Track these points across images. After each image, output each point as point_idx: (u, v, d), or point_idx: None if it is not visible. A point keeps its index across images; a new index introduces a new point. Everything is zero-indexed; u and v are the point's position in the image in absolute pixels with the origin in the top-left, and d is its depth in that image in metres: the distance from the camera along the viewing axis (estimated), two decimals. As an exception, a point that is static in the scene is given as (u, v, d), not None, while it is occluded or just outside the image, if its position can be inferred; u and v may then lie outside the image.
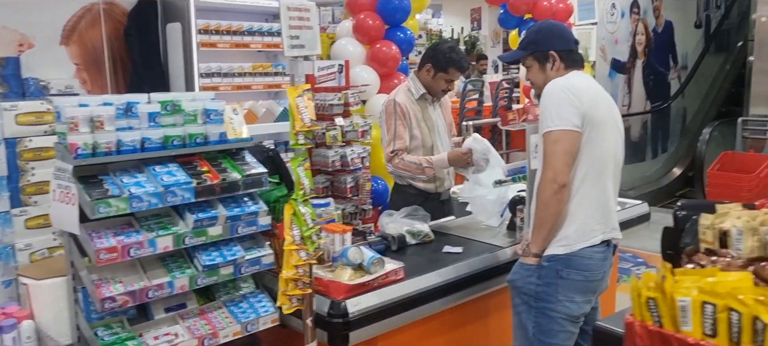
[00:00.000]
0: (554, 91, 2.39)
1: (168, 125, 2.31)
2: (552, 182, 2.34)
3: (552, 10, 5.88)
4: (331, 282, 2.41)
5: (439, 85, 3.43)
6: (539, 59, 2.56)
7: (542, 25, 2.68)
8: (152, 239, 2.16)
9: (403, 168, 3.38)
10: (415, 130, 3.41)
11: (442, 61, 3.37)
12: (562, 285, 2.40)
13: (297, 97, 2.17)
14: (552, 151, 2.35)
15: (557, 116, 2.34)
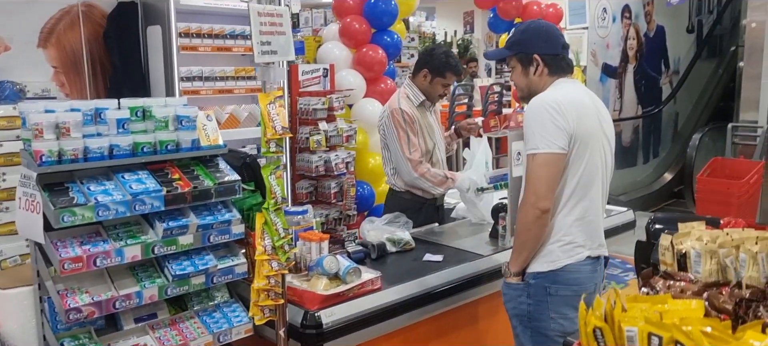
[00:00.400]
0: (539, 109, 2.26)
1: (138, 132, 2.26)
2: (534, 207, 2.24)
3: (542, 14, 5.85)
4: (305, 292, 2.37)
5: (437, 90, 3.42)
6: (522, 61, 2.45)
7: (530, 25, 2.53)
8: (120, 249, 2.11)
9: (429, 177, 3.35)
10: (420, 137, 3.40)
11: (439, 66, 3.36)
12: (552, 302, 2.31)
13: (268, 104, 2.12)
14: (536, 175, 2.24)
15: (541, 138, 2.22)
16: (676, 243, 1.35)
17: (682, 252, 1.33)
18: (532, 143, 2.25)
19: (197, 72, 3.69)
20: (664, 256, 1.37)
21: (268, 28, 2.09)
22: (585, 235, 2.34)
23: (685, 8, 8.61)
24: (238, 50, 3.83)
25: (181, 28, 3.57)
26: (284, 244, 2.17)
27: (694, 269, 1.28)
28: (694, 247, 1.29)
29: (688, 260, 1.30)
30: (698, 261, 1.26)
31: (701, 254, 1.25)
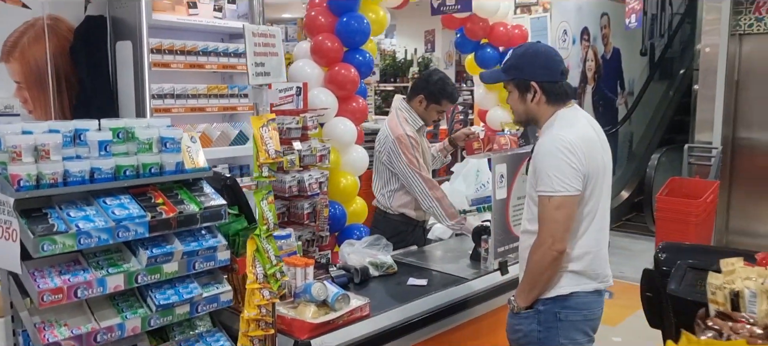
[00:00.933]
0: (553, 151, 2.22)
1: (120, 154, 2.16)
2: (551, 249, 2.21)
3: (508, 35, 5.91)
4: (294, 320, 2.29)
5: (431, 116, 3.44)
6: (519, 87, 2.39)
7: (528, 49, 2.47)
8: (102, 278, 2.01)
9: (445, 206, 3.30)
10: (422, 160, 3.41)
11: (435, 92, 3.38)
12: (562, 327, 2.30)
13: (261, 127, 2.05)
14: (553, 218, 2.21)
15: (558, 181, 2.19)
16: (727, 283, 1.35)
17: (735, 291, 1.33)
18: (548, 185, 2.22)
19: (169, 89, 3.58)
20: (715, 295, 1.37)
21: (262, 49, 2.03)
22: (593, 267, 2.33)
23: (638, 32, 8.87)
24: (211, 67, 3.73)
25: (153, 44, 3.45)
26: (276, 272, 2.10)
27: (749, 309, 1.29)
28: (748, 287, 1.30)
29: (741, 300, 1.31)
30: (753, 301, 1.27)
31: (757, 295, 1.26)
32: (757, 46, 6.64)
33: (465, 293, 2.80)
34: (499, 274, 2.96)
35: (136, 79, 3.47)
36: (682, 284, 1.79)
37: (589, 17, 7.92)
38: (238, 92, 3.90)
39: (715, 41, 6.58)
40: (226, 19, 3.81)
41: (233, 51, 3.83)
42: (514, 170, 2.88)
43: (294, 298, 2.42)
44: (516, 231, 2.96)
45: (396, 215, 3.47)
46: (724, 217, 6.84)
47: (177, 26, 3.62)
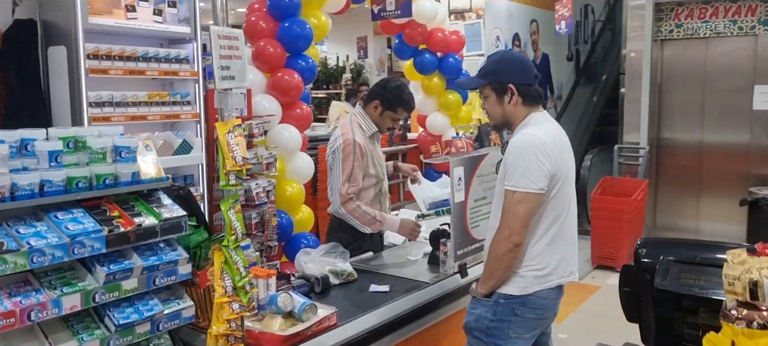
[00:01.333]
0: (523, 148, 2.31)
1: (71, 165, 2.02)
2: (507, 240, 2.30)
3: (446, 41, 5.98)
4: (262, 334, 2.21)
5: (386, 123, 3.39)
6: (497, 91, 2.45)
7: (504, 56, 2.55)
8: (57, 299, 1.86)
9: (358, 216, 3.27)
10: (371, 169, 3.34)
11: (391, 99, 3.32)
12: (515, 322, 2.37)
13: (227, 133, 1.96)
14: (513, 211, 2.29)
15: (523, 177, 2.26)
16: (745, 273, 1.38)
17: (753, 281, 1.36)
18: (514, 180, 2.28)
19: (107, 97, 3.39)
20: (733, 286, 1.40)
21: (226, 52, 1.95)
22: (557, 263, 2.40)
23: (565, 38, 9.19)
24: (152, 74, 3.57)
25: (89, 49, 3.27)
26: (246, 284, 2.01)
27: None
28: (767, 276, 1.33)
29: (760, 289, 1.34)
30: None
31: None
32: (677, 51, 7.01)
33: (428, 297, 2.79)
34: (459, 277, 2.96)
35: (72, 87, 3.28)
36: (668, 278, 1.84)
37: (519, 24, 8.14)
38: (181, 99, 3.75)
39: (640, 47, 6.90)
40: (167, 24, 3.66)
41: (175, 57, 3.68)
42: (471, 173, 2.90)
43: (258, 310, 2.33)
44: (474, 233, 2.98)
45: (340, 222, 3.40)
46: (651, 214, 7.16)
47: (114, 31, 3.44)
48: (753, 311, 1.28)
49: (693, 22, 6.78)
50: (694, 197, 7.10)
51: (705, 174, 6.99)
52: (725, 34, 6.66)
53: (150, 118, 3.59)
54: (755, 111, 6.51)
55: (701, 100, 6.93)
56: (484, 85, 2.49)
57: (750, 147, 6.66)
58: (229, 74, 1.97)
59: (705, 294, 1.93)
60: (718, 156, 6.88)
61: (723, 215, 6.79)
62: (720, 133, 6.86)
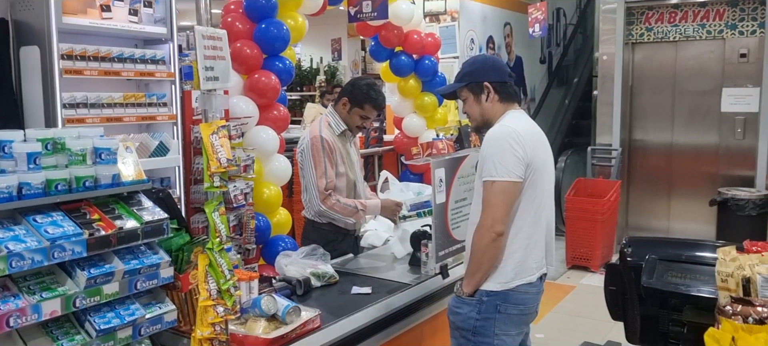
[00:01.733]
0: (497, 139, 2.38)
1: (49, 167, 1.97)
2: (490, 230, 2.34)
3: (422, 43, 6.00)
4: (246, 337, 2.19)
5: (354, 121, 3.37)
6: (474, 91, 2.55)
7: (477, 59, 2.68)
8: (36, 304, 1.81)
9: (339, 210, 3.27)
10: (341, 166, 3.32)
11: (359, 96, 3.31)
12: (500, 319, 2.41)
13: (211, 134, 1.94)
14: (493, 201, 2.34)
15: (501, 166, 2.33)
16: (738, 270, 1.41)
17: (746, 278, 1.39)
18: (491, 171, 2.35)
19: (82, 98, 3.32)
20: (726, 282, 1.43)
21: (211, 53, 1.92)
22: (536, 255, 2.46)
23: (538, 41, 9.30)
24: (128, 75, 3.51)
25: (63, 49, 3.20)
26: (230, 287, 1.99)
27: (761, 293, 1.35)
28: (760, 273, 1.36)
29: (753, 286, 1.37)
30: (766, 286, 1.33)
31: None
32: (648, 54, 7.15)
33: (411, 299, 2.80)
34: (440, 278, 2.97)
35: (45, 87, 3.20)
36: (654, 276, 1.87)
37: (493, 27, 8.20)
38: (157, 101, 3.69)
39: (611, 50, 7.01)
40: (143, 24, 3.60)
41: (151, 57, 3.62)
42: (452, 174, 2.91)
43: (241, 313, 2.31)
44: (455, 235, 3.00)
45: (324, 224, 3.40)
46: (623, 214, 7.28)
47: (89, 31, 3.37)
48: (748, 307, 1.32)
49: (663, 25, 6.92)
50: (665, 198, 7.24)
51: (675, 175, 7.14)
52: (694, 38, 6.81)
53: (126, 119, 3.52)
54: (723, 113, 6.67)
55: (671, 103, 7.07)
56: (461, 88, 2.58)
57: (719, 148, 6.82)
58: (213, 75, 1.94)
59: (691, 292, 1.98)
60: (687, 157, 7.03)
61: (693, 215, 6.93)
62: (689, 134, 7.01)
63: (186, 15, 6.46)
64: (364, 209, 3.33)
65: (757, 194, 6.03)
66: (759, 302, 1.35)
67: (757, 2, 6.41)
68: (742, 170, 6.58)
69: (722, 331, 1.17)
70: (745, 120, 6.57)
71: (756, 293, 1.39)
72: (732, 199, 6.00)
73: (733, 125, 6.66)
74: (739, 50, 6.60)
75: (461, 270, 3.07)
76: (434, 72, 6.05)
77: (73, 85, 3.31)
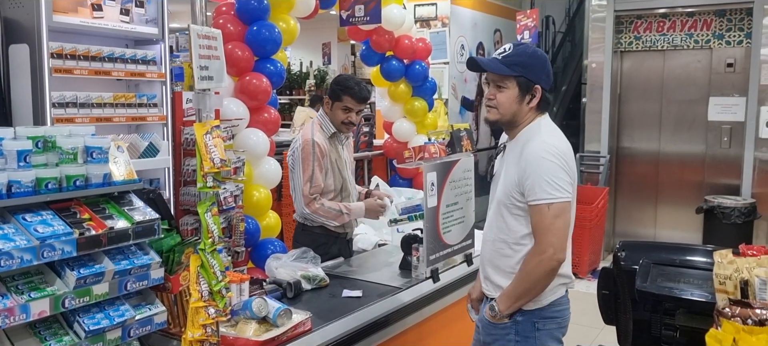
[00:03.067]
0: (548, 157, 2.16)
1: (40, 165, 1.95)
2: (551, 260, 2.15)
3: (413, 48, 6.00)
4: (236, 339, 2.18)
5: (338, 117, 3.35)
6: (522, 87, 2.26)
7: (537, 53, 2.34)
8: (25, 304, 1.79)
9: (323, 214, 3.28)
10: (331, 169, 3.32)
11: (337, 90, 3.32)
12: (539, 337, 2.28)
13: (205, 134, 1.93)
14: (553, 227, 2.14)
15: (557, 187, 2.14)
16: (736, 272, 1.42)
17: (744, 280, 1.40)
18: (546, 192, 2.15)
19: (71, 98, 3.29)
20: (724, 285, 1.43)
21: (205, 52, 1.91)
22: (565, 271, 2.31)
23: (527, 48, 9.34)
24: (118, 74, 3.48)
25: (53, 48, 3.17)
26: (222, 288, 1.98)
27: (759, 296, 1.36)
28: (758, 275, 1.37)
29: (750, 288, 1.37)
30: (764, 288, 1.34)
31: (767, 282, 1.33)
32: (636, 63, 7.21)
33: (401, 302, 2.79)
34: (431, 282, 2.98)
35: (34, 86, 3.17)
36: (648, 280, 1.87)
37: (483, 33, 8.24)
38: (147, 101, 3.67)
39: (600, 58, 7.06)
40: (134, 24, 3.58)
41: (141, 58, 3.60)
42: (443, 178, 2.92)
43: (232, 315, 2.29)
44: (446, 239, 3.00)
45: (316, 227, 3.39)
46: (611, 221, 7.32)
47: (79, 30, 3.34)
48: (746, 309, 1.32)
49: (651, 34, 6.98)
50: (652, 205, 7.29)
51: (662, 182, 7.19)
52: (682, 47, 6.87)
53: (115, 120, 3.49)
54: (710, 122, 6.74)
55: (659, 111, 7.13)
56: (509, 76, 2.27)
57: (705, 157, 6.88)
58: (207, 74, 1.93)
59: (685, 296, 1.98)
60: (674, 165, 7.09)
61: (680, 223, 6.99)
62: (677, 143, 7.07)
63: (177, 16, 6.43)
64: (349, 212, 3.33)
65: (742, 202, 6.09)
66: (757, 304, 1.36)
67: (743, 13, 6.49)
68: (728, 179, 6.64)
69: (724, 332, 1.17)
70: (731, 129, 6.64)
71: (754, 296, 1.40)
72: (718, 207, 6.05)
73: (719, 134, 6.73)
74: (726, 60, 6.67)
75: (452, 274, 3.09)
76: (424, 77, 6.06)
77: (63, 84, 3.28)
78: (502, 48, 2.34)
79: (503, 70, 2.27)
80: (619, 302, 2.14)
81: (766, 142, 6.22)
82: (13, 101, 3.26)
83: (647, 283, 1.91)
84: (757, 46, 6.23)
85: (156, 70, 3.68)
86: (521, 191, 2.22)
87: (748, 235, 6.00)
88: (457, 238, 3.05)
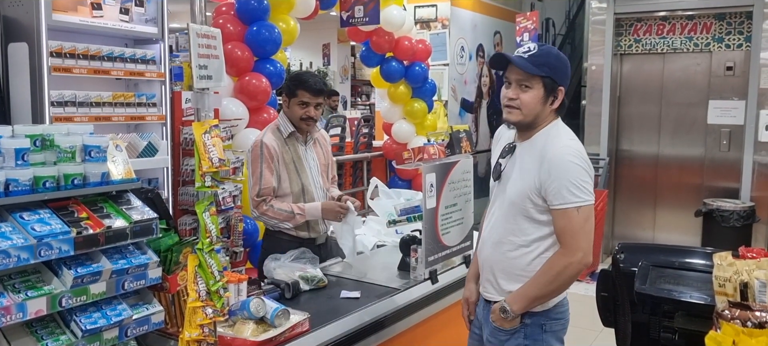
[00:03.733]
0: (575, 160, 2.15)
1: (38, 164, 1.95)
2: (579, 264, 2.14)
3: (413, 49, 6.01)
4: (234, 340, 2.17)
5: (296, 113, 3.18)
6: (547, 88, 2.22)
7: (561, 55, 2.30)
8: (21, 303, 1.78)
9: (272, 215, 3.18)
10: (284, 172, 3.18)
11: (290, 85, 3.19)
12: (547, 338, 2.28)
13: (203, 133, 1.93)
14: (583, 230, 2.13)
15: (584, 190, 2.13)
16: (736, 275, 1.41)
17: (744, 282, 1.39)
18: (574, 196, 2.13)
19: (70, 96, 3.29)
20: (723, 287, 1.43)
21: (205, 51, 1.91)
22: None
23: (527, 50, 9.34)
24: (118, 74, 3.48)
25: (52, 46, 3.17)
26: (220, 288, 1.97)
27: (758, 298, 1.35)
28: (758, 278, 1.37)
29: (750, 290, 1.37)
30: (763, 291, 1.34)
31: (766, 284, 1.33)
32: (635, 65, 7.21)
33: (400, 304, 2.79)
34: (430, 283, 2.97)
35: (33, 85, 3.17)
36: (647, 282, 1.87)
37: (483, 35, 8.24)
38: (146, 101, 3.67)
39: (600, 61, 7.06)
40: (134, 23, 3.57)
41: (141, 57, 3.59)
42: (442, 179, 2.91)
43: (229, 316, 2.29)
44: (445, 240, 3.00)
45: (278, 232, 3.26)
46: (609, 224, 7.32)
47: (79, 29, 3.34)
48: (746, 312, 1.32)
49: (651, 37, 6.98)
50: (651, 208, 7.29)
51: (661, 185, 7.19)
52: (682, 50, 6.88)
53: (114, 119, 3.49)
54: (709, 125, 6.74)
55: (658, 114, 7.13)
56: (536, 76, 2.21)
57: (704, 160, 6.88)
58: (206, 74, 1.93)
59: (684, 298, 1.98)
60: (673, 168, 7.09)
61: (678, 226, 6.99)
62: (676, 146, 7.07)
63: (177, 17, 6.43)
64: (302, 213, 3.17)
65: (741, 206, 6.09)
66: (757, 306, 1.36)
67: (743, 16, 6.49)
68: (727, 182, 6.64)
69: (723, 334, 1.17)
70: (730, 132, 6.64)
71: (753, 298, 1.39)
72: (717, 210, 6.05)
73: (718, 137, 6.72)
74: (726, 63, 6.67)
75: (451, 275, 3.08)
76: (424, 79, 6.06)
77: (62, 83, 3.28)
78: (526, 47, 2.28)
79: (532, 69, 2.20)
80: (617, 304, 2.14)
81: (766, 146, 6.21)
82: (12, 100, 3.26)
83: (646, 285, 1.91)
84: (757, 50, 6.23)
85: (155, 70, 3.68)
86: (542, 194, 2.19)
87: (747, 238, 6.00)
88: (455, 239, 3.04)
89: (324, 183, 3.38)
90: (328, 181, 3.45)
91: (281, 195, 3.20)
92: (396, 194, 3.67)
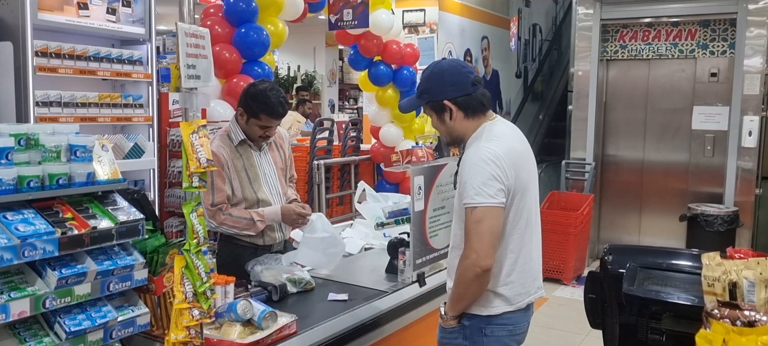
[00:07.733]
0: (477, 162, 2.15)
1: (22, 163, 1.92)
2: (474, 265, 2.12)
3: (401, 53, 6.03)
4: (220, 342, 2.15)
5: (254, 132, 3.02)
6: (436, 109, 2.30)
7: (433, 70, 2.32)
8: (4, 304, 1.76)
9: (231, 224, 3.03)
10: (235, 180, 3.04)
11: (253, 106, 2.94)
12: (488, 342, 2.26)
13: (191, 133, 1.91)
14: (476, 231, 2.11)
15: (480, 192, 2.11)
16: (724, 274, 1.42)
17: (733, 282, 1.40)
18: (472, 196, 2.14)
19: (55, 97, 3.26)
20: (712, 287, 1.44)
21: (193, 51, 1.90)
22: (526, 282, 2.29)
23: (514, 55, 9.41)
24: (104, 74, 3.45)
25: (38, 46, 3.14)
26: (207, 289, 1.96)
27: (747, 298, 1.36)
28: (746, 277, 1.37)
29: (739, 290, 1.38)
30: (752, 290, 1.35)
31: (755, 284, 1.34)
32: (621, 71, 7.27)
33: (387, 306, 2.78)
34: (417, 286, 2.97)
35: (18, 85, 3.13)
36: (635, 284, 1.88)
37: (471, 40, 8.27)
38: (133, 102, 3.64)
39: (586, 67, 7.11)
40: (121, 24, 3.54)
41: (127, 58, 3.56)
42: (430, 182, 2.91)
43: (216, 318, 2.27)
44: (433, 243, 2.99)
45: (232, 237, 3.11)
46: (595, 228, 7.36)
47: (65, 28, 3.31)
48: (735, 311, 1.33)
49: (637, 43, 7.04)
50: (636, 212, 7.34)
51: (646, 190, 7.24)
52: (667, 57, 6.94)
53: (100, 120, 3.46)
54: (694, 130, 6.81)
55: (644, 119, 7.19)
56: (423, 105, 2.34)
57: (689, 165, 6.94)
58: (194, 73, 1.92)
59: (672, 299, 1.99)
60: (658, 173, 7.15)
61: (663, 230, 7.04)
62: (661, 151, 7.13)
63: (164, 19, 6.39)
64: (262, 219, 3.05)
65: (725, 210, 6.15)
66: (746, 305, 1.37)
67: (727, 24, 6.57)
68: (711, 187, 6.70)
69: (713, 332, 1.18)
70: (714, 138, 6.71)
71: (742, 298, 1.41)
72: (701, 215, 6.11)
73: (703, 143, 6.79)
74: (710, 70, 6.75)
75: (438, 279, 3.08)
76: (412, 82, 6.07)
77: (47, 83, 3.25)
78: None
79: (415, 102, 2.38)
80: (605, 305, 2.15)
81: (749, 152, 6.28)
82: (-4, 99, 3.22)
83: (634, 286, 1.92)
84: (741, 57, 6.30)
85: (142, 71, 3.65)
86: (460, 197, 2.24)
87: (731, 243, 6.05)
88: (443, 242, 3.04)
89: (282, 187, 3.24)
90: (286, 183, 3.31)
91: (237, 203, 3.07)
92: (384, 198, 3.67)
